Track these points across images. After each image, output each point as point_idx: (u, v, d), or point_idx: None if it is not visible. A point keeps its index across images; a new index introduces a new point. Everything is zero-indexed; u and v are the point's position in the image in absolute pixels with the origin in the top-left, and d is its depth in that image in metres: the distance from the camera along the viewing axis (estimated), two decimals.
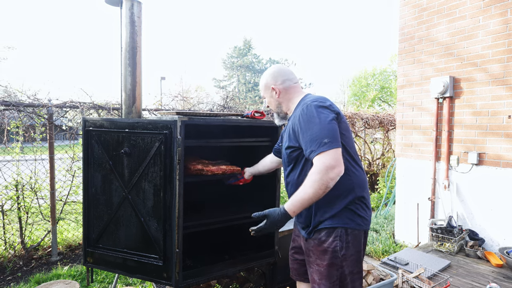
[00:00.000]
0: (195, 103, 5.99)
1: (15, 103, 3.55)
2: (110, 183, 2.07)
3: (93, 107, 4.01)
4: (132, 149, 1.98)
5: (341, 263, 1.58)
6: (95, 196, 2.13)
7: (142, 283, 3.13)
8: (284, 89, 1.78)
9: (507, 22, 3.31)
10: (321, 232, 1.61)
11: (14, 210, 3.70)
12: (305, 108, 1.58)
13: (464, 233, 3.48)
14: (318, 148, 1.47)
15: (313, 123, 1.53)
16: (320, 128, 1.50)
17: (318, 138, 1.48)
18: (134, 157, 1.98)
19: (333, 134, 1.50)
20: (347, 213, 1.59)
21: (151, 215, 1.96)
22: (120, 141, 2.01)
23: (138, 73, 2.31)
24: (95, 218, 2.14)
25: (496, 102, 3.41)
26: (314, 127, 1.52)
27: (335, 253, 1.57)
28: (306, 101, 1.65)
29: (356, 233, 1.61)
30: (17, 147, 3.67)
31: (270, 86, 1.81)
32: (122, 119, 2.09)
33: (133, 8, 2.25)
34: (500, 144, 3.37)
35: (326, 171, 1.44)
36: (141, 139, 1.96)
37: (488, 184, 3.47)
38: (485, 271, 2.93)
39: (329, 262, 1.58)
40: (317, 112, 1.54)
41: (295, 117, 1.64)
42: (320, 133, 1.49)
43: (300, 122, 1.57)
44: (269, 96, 1.84)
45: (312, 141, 1.50)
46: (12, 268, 3.46)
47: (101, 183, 2.11)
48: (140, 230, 2.00)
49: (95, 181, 2.12)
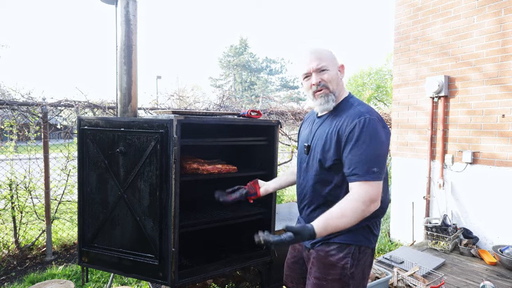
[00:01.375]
0: (191, 102, 5.97)
1: (9, 102, 3.52)
2: (106, 182, 2.06)
3: (88, 106, 3.98)
4: (128, 148, 1.97)
5: (348, 280, 1.48)
6: (90, 195, 2.12)
7: (137, 282, 3.12)
8: (344, 74, 1.58)
9: (501, 22, 3.33)
10: (331, 246, 1.49)
11: (8, 209, 3.67)
12: (367, 121, 1.37)
13: (458, 231, 3.51)
14: (365, 174, 1.33)
15: (372, 143, 1.35)
16: (375, 154, 1.35)
17: (369, 162, 1.34)
18: (130, 156, 1.97)
19: (383, 164, 1.38)
20: (364, 231, 1.50)
21: (147, 214, 1.95)
22: (115, 140, 2.00)
23: (133, 71, 2.29)
24: (90, 217, 2.12)
25: (490, 101, 3.44)
26: (369, 148, 1.35)
27: (345, 270, 1.46)
28: (360, 110, 1.44)
29: (368, 251, 1.53)
30: (11, 146, 3.63)
31: (338, 62, 1.56)
32: (117, 118, 2.08)
33: (128, 6, 2.23)
34: (494, 143, 3.40)
35: (370, 204, 1.33)
36: (137, 138, 1.95)
37: (482, 183, 3.50)
38: (479, 269, 2.96)
39: (336, 278, 1.47)
40: (380, 133, 1.37)
41: (345, 123, 1.42)
42: (373, 158, 1.34)
43: (355, 134, 1.37)
44: (334, 71, 1.52)
45: (361, 163, 1.34)
46: (6, 268, 3.43)
47: (96, 182, 2.09)
48: (136, 230, 1.99)
49: (90, 180, 2.11)
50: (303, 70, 1.54)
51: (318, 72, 1.49)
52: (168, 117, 1.89)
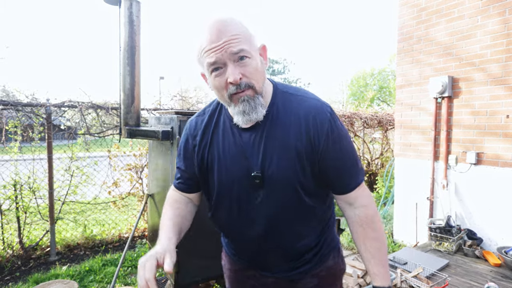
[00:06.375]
0: (194, 102, 5.99)
1: (13, 103, 3.54)
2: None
3: (92, 106, 4.01)
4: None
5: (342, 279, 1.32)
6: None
7: None
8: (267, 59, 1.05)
9: (506, 22, 3.32)
10: (327, 256, 1.21)
11: (13, 209, 3.69)
12: (331, 119, 1.01)
13: (462, 232, 3.49)
14: (360, 176, 1.07)
15: (348, 141, 1.06)
16: (354, 150, 1.08)
17: (358, 164, 1.08)
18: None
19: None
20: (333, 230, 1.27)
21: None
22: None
23: (137, 72, 2.30)
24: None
25: (494, 102, 3.42)
26: (350, 147, 1.06)
27: (342, 272, 1.29)
28: (314, 102, 1.03)
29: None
30: (15, 146, 3.66)
31: (256, 42, 0.99)
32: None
33: (131, 7, 2.24)
34: (498, 144, 3.38)
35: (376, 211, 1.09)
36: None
37: (486, 184, 3.48)
38: (483, 271, 2.94)
39: (340, 284, 1.29)
40: (343, 126, 1.06)
41: (309, 124, 0.99)
42: (356, 156, 1.08)
43: (334, 135, 1.01)
44: (257, 57, 0.97)
45: (353, 167, 1.06)
46: (11, 268, 3.45)
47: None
48: None
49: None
50: (208, 57, 0.92)
51: (236, 62, 0.92)
52: (170, 117, 1.89)
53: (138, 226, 4.51)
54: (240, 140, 1.03)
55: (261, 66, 0.98)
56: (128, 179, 4.57)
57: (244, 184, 1.04)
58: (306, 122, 0.99)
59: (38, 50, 64.97)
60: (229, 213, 1.10)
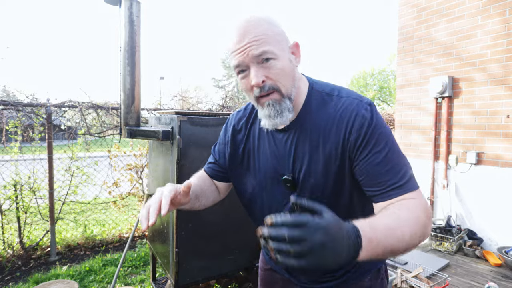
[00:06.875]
0: (194, 102, 5.99)
1: (14, 103, 3.54)
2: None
3: (92, 106, 4.01)
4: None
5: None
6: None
7: (140, 283, 3.13)
8: (300, 57, 0.98)
9: (506, 22, 3.31)
10: (364, 275, 1.09)
11: (13, 209, 3.69)
12: (369, 120, 0.89)
13: (462, 232, 3.49)
14: (411, 181, 0.87)
15: (391, 142, 0.90)
16: (400, 154, 0.91)
17: (404, 167, 0.88)
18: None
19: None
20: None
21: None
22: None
23: (137, 72, 2.30)
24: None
25: (495, 102, 3.41)
26: (394, 148, 0.90)
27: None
28: (341, 103, 0.94)
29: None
30: (15, 146, 3.66)
31: (287, 42, 0.94)
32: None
33: (132, 7, 2.25)
34: (498, 144, 3.38)
35: (430, 220, 0.84)
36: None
37: (486, 184, 3.48)
38: (484, 271, 2.94)
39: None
40: (387, 126, 0.93)
41: (343, 125, 0.91)
42: (403, 161, 0.90)
43: (364, 140, 0.89)
44: (286, 57, 0.91)
45: (396, 170, 0.87)
46: (11, 268, 3.45)
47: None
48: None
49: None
50: (233, 59, 0.90)
51: (260, 64, 0.88)
52: (171, 117, 1.89)
53: (138, 226, 4.51)
54: (273, 142, 1.01)
55: (290, 66, 0.92)
56: (129, 179, 4.58)
57: (275, 187, 1.01)
58: (339, 124, 0.92)
59: (38, 50, 65.05)
60: (261, 213, 1.07)
